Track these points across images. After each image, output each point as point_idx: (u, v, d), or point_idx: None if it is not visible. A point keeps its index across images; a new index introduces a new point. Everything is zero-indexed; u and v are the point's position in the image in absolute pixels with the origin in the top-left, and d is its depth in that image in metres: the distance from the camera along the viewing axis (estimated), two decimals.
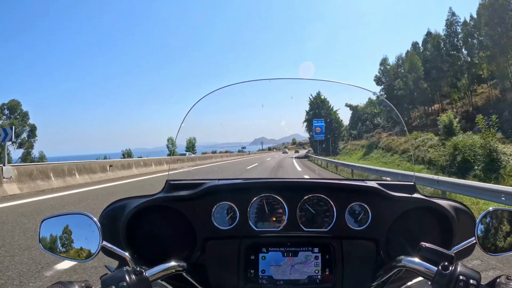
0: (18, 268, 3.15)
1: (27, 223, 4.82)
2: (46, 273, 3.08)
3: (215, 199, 0.87)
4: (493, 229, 0.76)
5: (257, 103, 1.24)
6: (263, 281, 0.81)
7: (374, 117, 33.14)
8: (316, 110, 4.41)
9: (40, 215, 5.25)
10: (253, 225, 0.85)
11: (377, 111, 31.80)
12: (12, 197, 7.41)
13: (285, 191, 0.87)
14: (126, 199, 0.90)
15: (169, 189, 0.91)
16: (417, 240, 0.74)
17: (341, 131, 9.44)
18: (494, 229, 0.76)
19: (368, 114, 33.41)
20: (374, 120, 33.19)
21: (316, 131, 4.07)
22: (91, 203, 6.50)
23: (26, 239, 3.98)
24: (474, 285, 0.60)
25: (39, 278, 2.95)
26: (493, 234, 0.76)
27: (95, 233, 0.72)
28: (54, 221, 0.75)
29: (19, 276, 2.98)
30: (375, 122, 33.09)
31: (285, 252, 0.83)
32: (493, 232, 0.76)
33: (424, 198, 0.88)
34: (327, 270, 0.82)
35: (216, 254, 0.85)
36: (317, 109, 4.41)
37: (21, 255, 3.45)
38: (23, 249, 3.61)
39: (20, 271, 3.12)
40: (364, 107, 34.30)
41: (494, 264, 3.05)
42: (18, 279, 2.93)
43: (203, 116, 1.04)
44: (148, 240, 0.88)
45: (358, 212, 0.87)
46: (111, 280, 0.62)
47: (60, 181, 9.60)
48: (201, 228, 0.86)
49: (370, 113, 33.35)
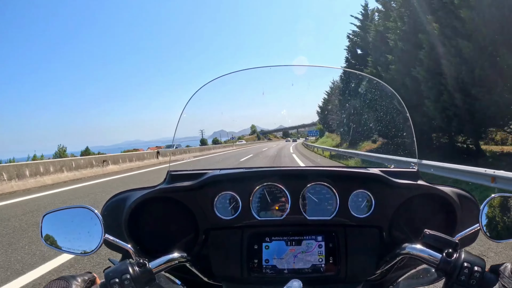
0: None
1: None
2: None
3: (217, 189, 0.86)
4: (497, 216, 0.76)
5: (254, 92, 1.23)
6: (267, 270, 0.81)
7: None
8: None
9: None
10: (256, 214, 0.85)
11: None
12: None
13: (288, 180, 0.86)
14: (128, 191, 0.89)
15: (170, 180, 0.90)
16: (421, 228, 0.74)
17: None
18: (498, 215, 0.76)
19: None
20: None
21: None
22: None
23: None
24: (479, 272, 0.60)
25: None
26: (497, 220, 0.75)
27: (97, 226, 0.71)
28: (56, 215, 0.75)
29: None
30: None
31: (289, 241, 0.83)
32: (497, 218, 0.75)
33: (427, 185, 0.87)
34: (331, 259, 0.82)
35: (219, 244, 0.85)
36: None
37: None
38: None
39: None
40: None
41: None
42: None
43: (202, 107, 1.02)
44: (150, 232, 0.88)
45: (361, 199, 0.86)
46: (115, 273, 0.62)
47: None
48: (203, 219, 0.86)
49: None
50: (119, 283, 0.61)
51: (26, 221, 4.95)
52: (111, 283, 0.61)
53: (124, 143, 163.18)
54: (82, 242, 0.72)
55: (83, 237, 0.72)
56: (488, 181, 4.63)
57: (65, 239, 0.73)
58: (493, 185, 4.51)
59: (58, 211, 0.75)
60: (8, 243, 3.88)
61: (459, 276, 0.61)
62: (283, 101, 1.72)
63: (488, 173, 4.60)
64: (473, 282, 0.60)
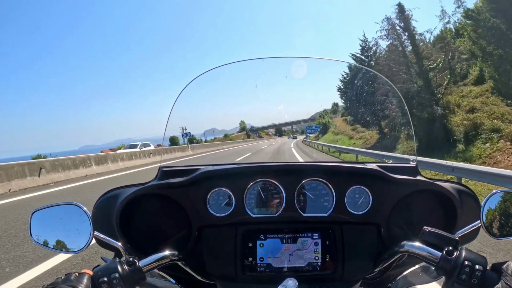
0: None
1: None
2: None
3: (210, 185, 0.84)
4: (498, 213, 0.73)
5: (246, 86, 1.21)
6: (262, 269, 0.80)
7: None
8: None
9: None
10: (250, 211, 0.83)
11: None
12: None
13: (282, 175, 0.84)
14: (119, 188, 0.88)
15: (162, 176, 0.88)
16: (420, 224, 0.72)
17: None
18: (499, 212, 0.74)
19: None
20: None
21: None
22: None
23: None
24: (480, 271, 0.58)
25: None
26: (498, 217, 0.73)
27: (86, 223, 0.70)
28: (44, 212, 0.73)
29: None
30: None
31: (284, 238, 0.81)
32: (498, 215, 0.73)
33: (427, 180, 0.85)
34: (327, 256, 0.80)
35: (212, 242, 0.83)
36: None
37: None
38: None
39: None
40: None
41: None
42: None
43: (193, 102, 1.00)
44: (142, 230, 0.87)
45: (358, 196, 0.84)
46: (103, 272, 0.60)
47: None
48: (196, 216, 0.84)
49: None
50: (108, 282, 0.59)
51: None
52: (99, 282, 0.59)
53: (117, 141, 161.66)
54: (71, 239, 0.71)
55: (72, 234, 0.71)
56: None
57: (54, 236, 0.72)
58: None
59: (46, 208, 0.73)
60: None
61: (460, 274, 0.59)
62: (277, 96, 1.68)
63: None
64: (474, 281, 0.58)
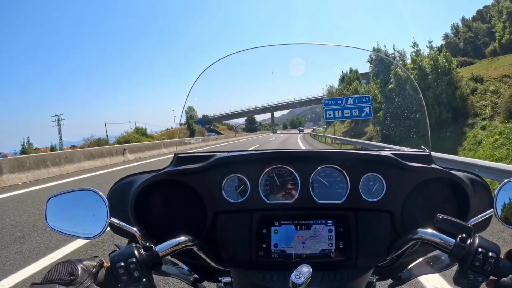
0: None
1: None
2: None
3: (225, 172, 0.84)
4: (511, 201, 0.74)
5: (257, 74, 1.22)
6: (276, 255, 0.80)
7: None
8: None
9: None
10: (265, 197, 0.83)
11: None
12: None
13: (298, 162, 0.84)
14: (134, 175, 0.87)
15: (177, 162, 0.88)
16: (433, 212, 0.72)
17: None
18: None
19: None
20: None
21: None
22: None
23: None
24: (493, 258, 0.59)
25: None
26: (511, 206, 0.74)
27: (103, 209, 0.70)
28: (60, 198, 0.73)
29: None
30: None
31: (298, 225, 0.81)
32: (511, 204, 0.74)
33: (441, 169, 0.85)
34: (341, 244, 0.81)
35: (227, 228, 0.83)
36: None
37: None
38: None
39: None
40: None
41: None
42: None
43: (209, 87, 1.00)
44: (157, 216, 0.87)
45: (372, 183, 0.84)
46: (120, 257, 0.60)
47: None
48: (211, 202, 0.84)
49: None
50: (125, 266, 0.59)
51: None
52: (116, 267, 0.59)
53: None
54: (87, 225, 0.71)
55: (88, 220, 0.71)
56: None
57: (70, 222, 0.72)
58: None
59: (62, 194, 0.73)
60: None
61: (473, 261, 0.59)
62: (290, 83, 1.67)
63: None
64: (487, 268, 0.59)
